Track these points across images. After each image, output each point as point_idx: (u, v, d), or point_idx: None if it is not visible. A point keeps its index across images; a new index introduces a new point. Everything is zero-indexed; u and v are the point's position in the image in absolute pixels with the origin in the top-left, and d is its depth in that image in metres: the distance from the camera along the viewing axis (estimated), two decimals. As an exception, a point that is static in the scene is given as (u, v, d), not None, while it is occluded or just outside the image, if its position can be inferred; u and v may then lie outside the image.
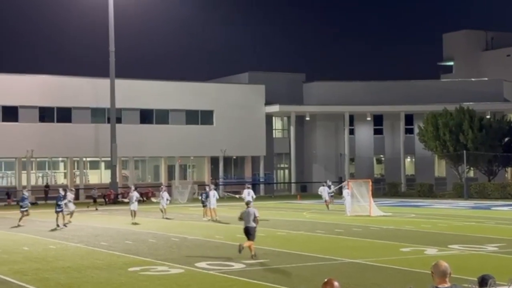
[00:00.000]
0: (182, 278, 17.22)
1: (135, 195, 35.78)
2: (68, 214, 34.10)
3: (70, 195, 36.60)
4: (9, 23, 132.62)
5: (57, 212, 33.18)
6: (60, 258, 21.40)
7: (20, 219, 34.45)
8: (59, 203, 33.37)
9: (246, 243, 20.47)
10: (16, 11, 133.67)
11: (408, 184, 68.63)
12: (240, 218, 21.10)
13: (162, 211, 37.64)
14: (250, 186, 39.28)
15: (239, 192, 39.93)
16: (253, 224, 20.64)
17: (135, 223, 33.91)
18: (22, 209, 34.82)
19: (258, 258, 20.18)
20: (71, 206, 35.00)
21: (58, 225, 32.35)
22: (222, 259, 20.42)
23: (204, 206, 36.28)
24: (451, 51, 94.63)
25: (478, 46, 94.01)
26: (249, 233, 20.62)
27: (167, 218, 36.69)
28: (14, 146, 58.22)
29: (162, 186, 43.76)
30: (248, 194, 37.10)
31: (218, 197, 37.55)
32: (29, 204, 36.99)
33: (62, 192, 34.14)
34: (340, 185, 51.16)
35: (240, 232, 28.73)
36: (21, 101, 59.10)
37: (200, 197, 37.73)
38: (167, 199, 38.03)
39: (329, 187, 46.64)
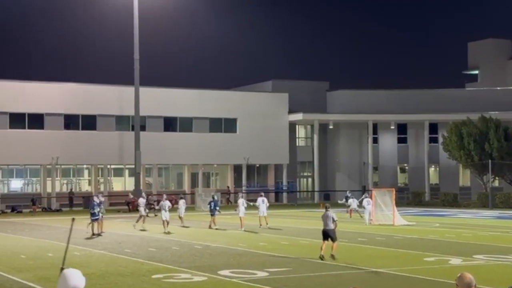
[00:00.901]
0: (205, 286, 17.24)
1: (167, 204, 34.91)
2: (142, 218, 35.42)
3: (142, 200, 37.81)
4: (35, 32, 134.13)
5: (92, 221, 32.31)
6: (85, 264, 21.52)
7: (91, 226, 32.61)
8: (93, 211, 32.47)
9: (324, 245, 22.06)
10: (42, 20, 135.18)
11: (432, 194, 68.18)
12: (322, 220, 22.81)
13: (181, 219, 37.67)
14: (263, 194, 39.08)
15: (254, 200, 39.75)
16: (331, 227, 22.26)
17: (168, 232, 33.04)
18: (93, 218, 32.41)
19: (336, 259, 21.46)
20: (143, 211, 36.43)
21: (93, 234, 31.85)
22: (245, 267, 20.42)
23: (212, 215, 35.87)
24: (476, 60, 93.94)
25: (504, 55, 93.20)
26: (328, 235, 22.24)
27: (184, 227, 36.66)
28: (40, 153, 58.74)
29: (180, 195, 44.03)
30: (262, 201, 36.90)
31: (246, 205, 37.22)
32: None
33: (96, 200, 33.04)
34: (364, 196, 51.19)
35: (263, 240, 28.77)
36: (47, 109, 59.66)
37: (208, 206, 37.34)
38: (168, 207, 36.86)
39: (346, 198, 47.33)
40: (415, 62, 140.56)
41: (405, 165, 74.40)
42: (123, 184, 65.16)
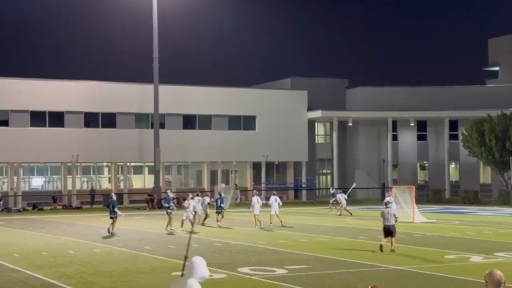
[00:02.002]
0: (224, 283, 17.29)
1: (192, 203, 34.76)
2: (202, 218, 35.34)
3: (207, 199, 37.64)
4: (56, 31, 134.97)
5: (169, 214, 33.36)
6: (105, 262, 21.66)
7: (168, 223, 33.18)
8: (168, 205, 33.28)
9: (384, 240, 23.33)
10: (62, 19, 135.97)
11: (453, 191, 67.80)
12: (382, 215, 24.02)
13: (199, 217, 37.63)
14: (276, 192, 39.00)
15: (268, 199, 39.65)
16: (392, 223, 23.47)
17: (194, 232, 33.09)
18: (169, 211, 33.51)
19: (395, 252, 22.69)
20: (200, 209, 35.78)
21: (169, 229, 32.48)
22: (264, 264, 20.44)
23: (218, 212, 35.67)
24: (497, 56, 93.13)
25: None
26: (390, 230, 23.38)
27: (203, 224, 36.37)
28: (60, 151, 59.15)
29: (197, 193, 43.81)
30: (275, 200, 36.79)
31: (262, 203, 37.23)
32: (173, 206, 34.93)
33: (171, 195, 33.67)
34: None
35: (282, 238, 28.79)
36: (67, 107, 60.03)
37: (215, 203, 36.89)
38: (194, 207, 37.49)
39: (333, 195, 47.45)
40: (435, 59, 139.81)
41: (425, 162, 74.04)
42: (142, 181, 65.43)
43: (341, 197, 45.64)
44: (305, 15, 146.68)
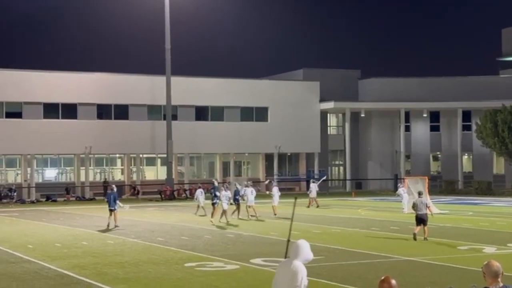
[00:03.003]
0: (237, 274, 17.32)
1: (225, 193, 33.85)
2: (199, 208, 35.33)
3: (200, 191, 37.65)
4: (68, 23, 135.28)
5: (213, 204, 32.67)
6: (118, 253, 21.75)
7: (213, 214, 32.53)
8: (216, 194, 32.68)
9: (417, 229, 24.14)
10: (74, 11, 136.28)
11: (466, 182, 67.55)
12: (413, 207, 25.16)
13: (200, 209, 37.60)
14: (276, 184, 39.34)
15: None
16: (424, 212, 24.39)
17: (228, 224, 32.17)
18: (215, 201, 32.76)
19: (430, 240, 23.54)
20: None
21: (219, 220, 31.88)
22: (277, 255, 20.45)
23: (233, 204, 34.99)
24: (510, 46, 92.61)
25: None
26: (422, 219, 24.34)
27: (201, 216, 36.23)
28: (73, 142, 59.39)
29: (198, 184, 44.08)
30: (277, 191, 36.94)
31: (255, 194, 37.27)
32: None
33: (217, 184, 33.40)
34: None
35: (295, 229, 28.74)
36: (80, 99, 60.22)
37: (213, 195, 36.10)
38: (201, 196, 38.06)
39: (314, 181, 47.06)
40: (448, 49, 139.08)
41: (438, 153, 73.80)
42: (155, 173, 65.63)
43: (313, 187, 44.52)
44: (318, 5, 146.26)
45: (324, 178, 55.05)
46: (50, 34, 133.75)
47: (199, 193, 37.97)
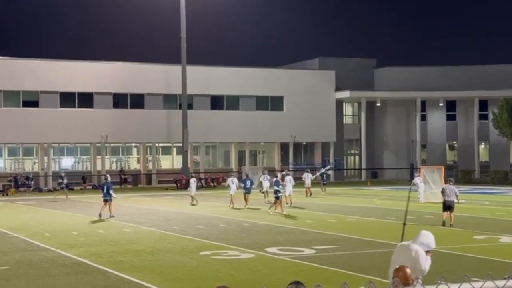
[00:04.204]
0: (252, 262, 17.37)
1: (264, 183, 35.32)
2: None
3: (233, 179, 37.20)
4: (84, 12, 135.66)
5: (277, 197, 31.81)
6: (134, 241, 21.87)
7: (275, 205, 32.12)
8: (280, 186, 31.75)
9: (444, 215, 24.91)
10: (91, 0, 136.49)
11: (482, 171, 67.21)
12: (442, 193, 25.59)
13: (193, 199, 37.74)
14: (289, 173, 39.59)
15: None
16: (453, 199, 24.82)
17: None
18: (279, 194, 31.62)
19: (455, 226, 24.15)
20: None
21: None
22: (292, 244, 20.48)
23: (247, 193, 35.30)
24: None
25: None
26: (450, 206, 24.85)
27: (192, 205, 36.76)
28: (89, 131, 59.64)
29: (192, 174, 44.21)
30: (289, 181, 36.92)
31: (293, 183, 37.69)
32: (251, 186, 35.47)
33: (279, 175, 33.17)
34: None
35: (310, 218, 28.83)
36: (96, 88, 60.42)
37: (243, 184, 36.27)
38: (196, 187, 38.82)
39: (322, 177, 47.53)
40: (465, 38, 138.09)
41: (454, 142, 73.44)
42: (171, 162, 65.80)
43: (307, 177, 43.75)
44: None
45: (328, 167, 54.54)
46: (67, 24, 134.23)
47: (230, 182, 36.94)
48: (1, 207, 38.71)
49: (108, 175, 33.91)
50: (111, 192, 30.55)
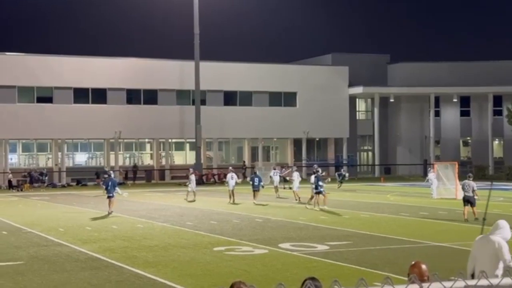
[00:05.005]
0: (266, 258, 17.38)
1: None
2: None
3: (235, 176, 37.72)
4: (97, 8, 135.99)
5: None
6: (148, 236, 21.94)
7: (318, 200, 32.11)
8: (320, 182, 31.63)
9: (466, 210, 25.35)
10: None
11: (496, 167, 66.89)
12: (462, 188, 26.28)
13: (188, 194, 37.55)
14: (296, 168, 40.03)
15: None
16: (471, 194, 25.52)
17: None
18: (321, 189, 31.32)
19: (479, 219, 23.13)
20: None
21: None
22: (306, 240, 20.48)
23: (256, 190, 35.78)
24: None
25: None
26: (469, 201, 25.50)
27: (191, 201, 36.42)
28: (103, 127, 59.85)
29: (190, 169, 43.12)
30: (297, 176, 37.20)
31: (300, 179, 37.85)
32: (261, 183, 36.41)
33: (320, 170, 33.66)
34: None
35: (323, 214, 28.82)
36: (110, 84, 60.61)
37: (251, 181, 36.96)
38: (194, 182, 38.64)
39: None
40: (479, 33, 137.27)
41: (468, 138, 73.12)
42: (184, 158, 65.93)
43: (296, 176, 40.48)
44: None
45: (344, 174, 52.95)
46: (81, 20, 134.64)
47: (230, 178, 37.63)
48: (16, 202, 38.97)
49: (111, 172, 33.74)
50: (117, 188, 30.26)
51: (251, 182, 36.51)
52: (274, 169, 42.44)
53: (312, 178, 32.36)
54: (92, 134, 60.61)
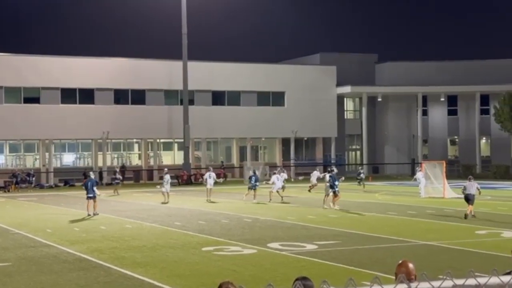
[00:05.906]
0: (255, 258, 17.38)
1: (274, 179, 36.80)
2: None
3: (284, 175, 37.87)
4: (84, 8, 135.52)
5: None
6: (136, 237, 21.88)
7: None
8: (336, 182, 31.75)
9: (470, 208, 26.10)
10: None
11: (483, 166, 67.20)
12: (464, 188, 27.08)
13: (164, 195, 36.47)
14: (278, 170, 40.04)
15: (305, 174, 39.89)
16: (473, 192, 26.49)
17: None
18: (336, 189, 31.46)
19: (476, 217, 25.49)
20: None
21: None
22: (294, 239, 20.50)
23: (253, 189, 35.95)
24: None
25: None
26: (469, 199, 26.34)
27: (163, 203, 35.58)
28: (91, 127, 59.64)
29: (165, 169, 41.83)
30: (277, 179, 37.24)
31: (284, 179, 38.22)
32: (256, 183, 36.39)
33: (335, 169, 33.87)
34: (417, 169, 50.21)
35: (312, 213, 28.86)
36: (97, 84, 60.40)
37: (249, 180, 37.77)
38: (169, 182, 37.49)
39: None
40: (466, 32, 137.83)
41: (456, 137, 73.41)
42: (172, 158, 65.82)
43: (275, 179, 38.41)
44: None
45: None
46: (68, 20, 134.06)
47: (208, 176, 38.47)
48: (3, 203, 38.77)
49: (91, 172, 33.46)
50: (94, 189, 29.71)
51: (249, 182, 36.92)
52: (279, 173, 39.05)
53: (327, 177, 32.55)
54: (79, 135, 60.39)
